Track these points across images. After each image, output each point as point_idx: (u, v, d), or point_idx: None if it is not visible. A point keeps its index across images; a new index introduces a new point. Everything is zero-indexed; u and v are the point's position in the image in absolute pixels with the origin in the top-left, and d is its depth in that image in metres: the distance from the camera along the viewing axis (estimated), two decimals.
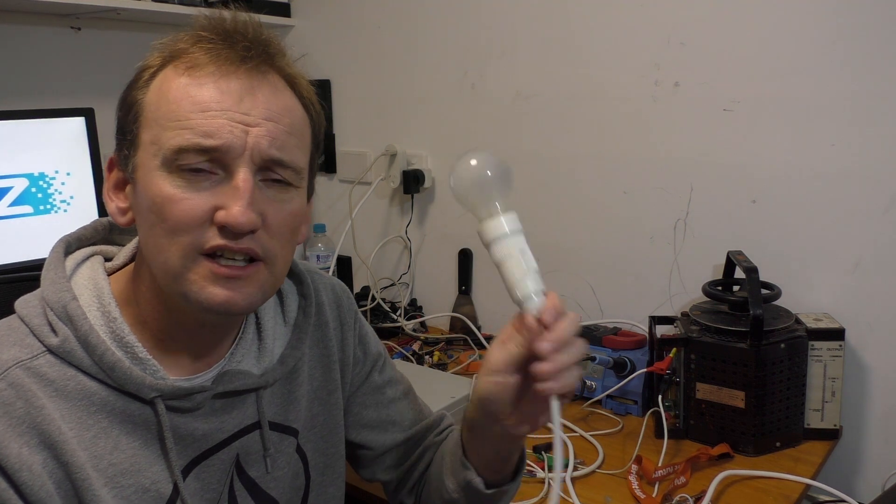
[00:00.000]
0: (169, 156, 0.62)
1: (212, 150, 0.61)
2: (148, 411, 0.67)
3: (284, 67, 0.68)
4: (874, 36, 1.22)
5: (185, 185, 0.62)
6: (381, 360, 0.91)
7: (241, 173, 0.62)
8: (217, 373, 0.72)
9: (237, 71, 0.63)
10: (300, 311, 0.81)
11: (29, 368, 0.63)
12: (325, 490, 0.84)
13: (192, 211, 0.61)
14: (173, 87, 0.63)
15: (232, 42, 0.64)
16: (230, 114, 0.62)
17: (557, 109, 1.59)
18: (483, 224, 0.69)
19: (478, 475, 0.77)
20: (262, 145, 0.63)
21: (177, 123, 0.62)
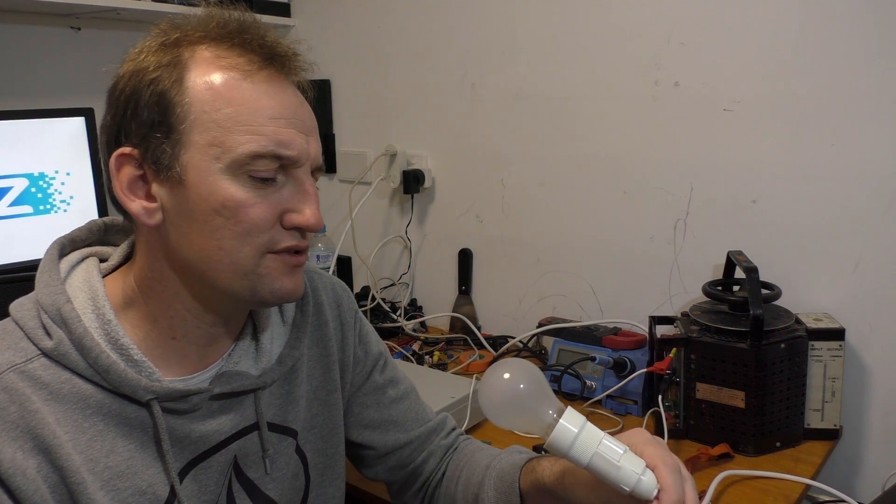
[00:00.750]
0: (240, 160, 0.63)
1: (287, 158, 0.65)
2: (144, 413, 0.66)
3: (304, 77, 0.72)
4: (874, 36, 1.22)
5: (254, 189, 0.65)
6: (382, 359, 0.91)
7: (309, 179, 0.68)
8: (214, 374, 0.72)
9: (285, 81, 0.68)
10: (298, 310, 0.81)
11: (23, 372, 0.63)
12: (325, 490, 0.84)
13: (265, 214, 0.65)
14: (232, 87, 0.64)
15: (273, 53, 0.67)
16: (295, 122, 0.66)
17: (557, 109, 1.59)
18: (550, 438, 0.62)
19: None
20: (315, 153, 0.69)
21: (248, 129, 0.63)
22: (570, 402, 1.36)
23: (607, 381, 1.34)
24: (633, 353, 1.34)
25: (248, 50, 0.66)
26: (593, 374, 1.36)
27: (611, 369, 1.33)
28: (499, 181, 1.70)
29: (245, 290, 0.67)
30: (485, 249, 1.77)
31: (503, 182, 1.70)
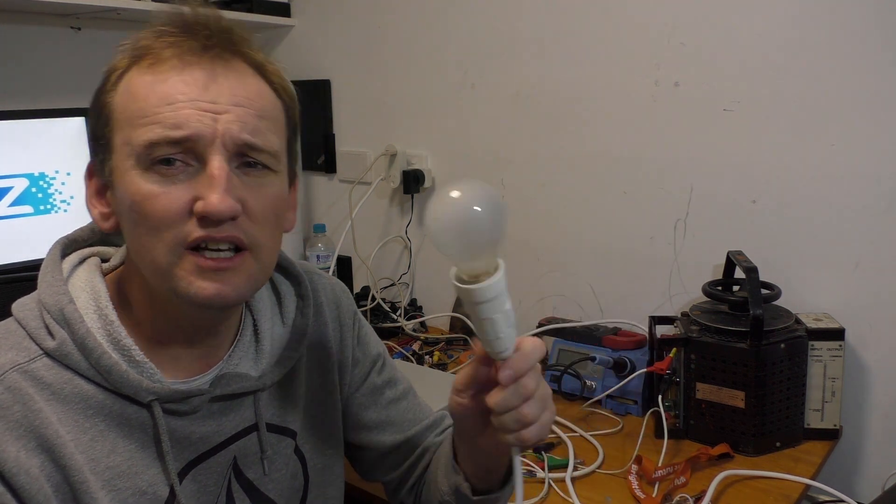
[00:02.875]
0: (141, 152, 0.62)
1: (182, 140, 0.61)
2: (145, 414, 0.66)
3: (250, 54, 0.67)
4: (874, 36, 1.22)
5: (161, 181, 0.62)
6: (381, 360, 0.91)
7: (215, 161, 0.62)
8: (215, 375, 0.72)
9: (200, 60, 0.63)
10: (298, 311, 0.80)
11: (26, 372, 0.63)
12: (325, 491, 0.84)
13: (171, 205, 0.61)
14: (139, 85, 0.63)
15: (192, 33, 0.64)
16: (197, 103, 0.62)
17: (557, 109, 1.59)
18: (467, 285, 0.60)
19: (466, 481, 0.77)
20: (233, 131, 0.63)
21: (145, 119, 0.62)
22: (571, 402, 1.36)
23: (607, 381, 1.34)
24: (633, 353, 1.34)
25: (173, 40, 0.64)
26: (593, 374, 1.36)
27: (611, 369, 1.33)
28: (499, 181, 1.70)
29: (168, 293, 0.64)
30: None
31: (503, 182, 1.70)
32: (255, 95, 0.65)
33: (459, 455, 0.78)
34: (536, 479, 1.11)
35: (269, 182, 0.66)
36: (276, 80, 0.69)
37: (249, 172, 0.65)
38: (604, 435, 1.25)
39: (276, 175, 0.67)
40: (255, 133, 0.64)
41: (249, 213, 0.64)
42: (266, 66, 0.69)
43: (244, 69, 0.66)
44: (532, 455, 1.17)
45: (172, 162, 0.62)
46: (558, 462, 1.14)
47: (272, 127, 0.67)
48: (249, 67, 0.67)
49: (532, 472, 1.13)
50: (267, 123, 0.66)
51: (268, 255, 0.67)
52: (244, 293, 0.66)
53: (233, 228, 0.63)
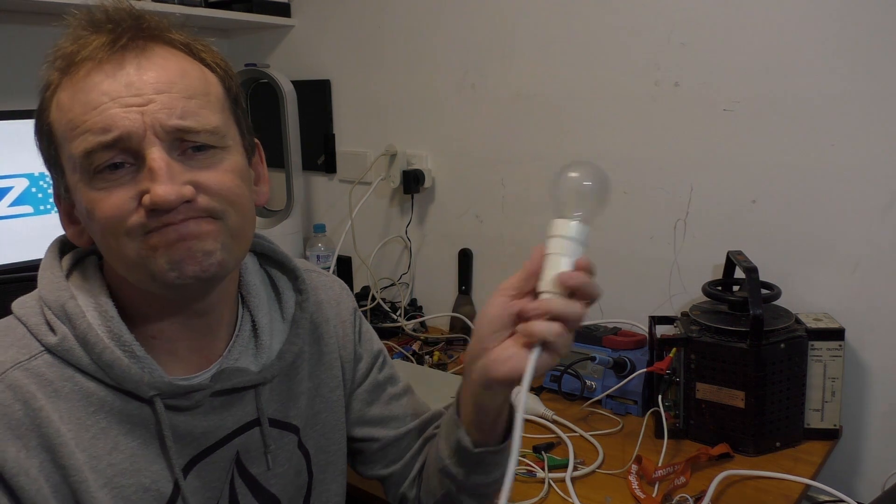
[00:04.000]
0: (83, 164, 0.61)
1: (115, 142, 0.60)
2: (147, 410, 0.66)
3: (168, 36, 0.66)
4: (874, 36, 1.22)
5: (107, 186, 0.61)
6: (382, 357, 0.92)
7: (152, 153, 0.61)
8: (215, 371, 0.72)
9: (111, 56, 0.62)
10: (297, 306, 0.80)
11: (27, 370, 0.63)
12: (328, 487, 0.84)
13: (118, 203, 0.61)
14: (64, 97, 0.63)
15: (98, 29, 0.63)
16: (120, 100, 0.61)
17: (557, 109, 1.59)
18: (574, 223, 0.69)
19: (466, 433, 0.76)
20: (161, 119, 0.61)
21: (77, 130, 0.61)
22: (571, 402, 1.36)
23: (607, 380, 1.34)
24: (633, 353, 1.34)
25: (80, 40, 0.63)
26: (593, 374, 1.36)
27: (611, 369, 1.33)
28: (499, 181, 1.70)
29: (146, 280, 0.63)
30: (485, 249, 1.77)
31: (503, 182, 1.70)
32: (178, 77, 0.63)
33: (463, 405, 0.77)
34: (536, 479, 1.11)
35: (219, 159, 0.65)
36: (204, 56, 0.68)
37: (196, 156, 0.64)
38: (604, 435, 1.25)
39: (225, 150, 0.66)
40: (186, 115, 0.62)
41: (206, 189, 0.63)
42: (191, 45, 0.67)
43: (162, 52, 0.64)
44: (532, 455, 1.17)
45: (118, 166, 0.61)
46: (558, 462, 1.14)
47: (205, 104, 0.65)
48: (169, 49, 0.65)
49: (532, 472, 1.13)
50: (198, 102, 0.64)
51: (235, 220, 0.65)
52: (221, 259, 0.64)
53: (190, 210, 0.62)
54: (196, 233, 0.62)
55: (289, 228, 1.87)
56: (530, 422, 1.30)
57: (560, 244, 0.68)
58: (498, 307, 0.70)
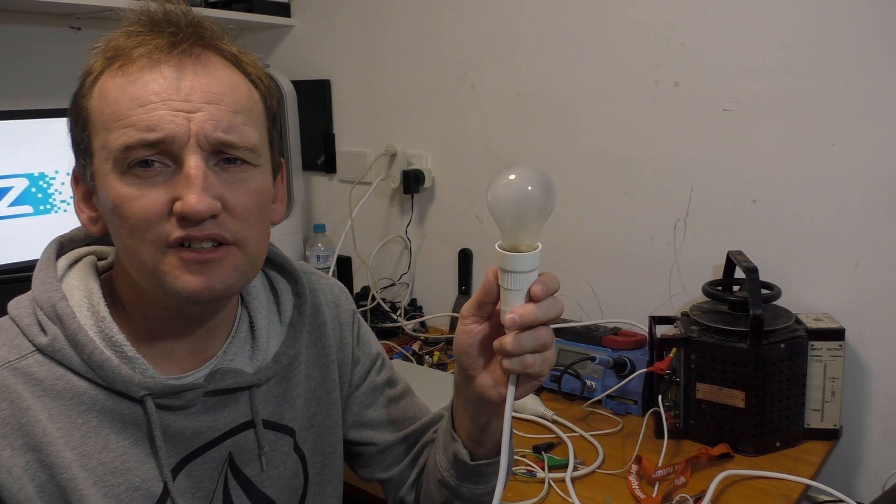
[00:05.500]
0: (118, 156, 0.62)
1: (157, 142, 0.61)
2: (138, 410, 0.67)
3: (222, 47, 0.67)
4: (874, 36, 1.22)
5: (139, 183, 0.62)
6: (380, 360, 0.92)
7: (191, 161, 0.61)
8: (209, 371, 0.72)
9: (169, 58, 0.63)
10: (295, 310, 0.81)
11: (16, 369, 0.63)
12: (324, 490, 0.84)
13: (150, 207, 0.61)
14: (111, 88, 0.63)
15: (160, 30, 0.64)
16: (170, 103, 0.61)
17: (557, 109, 1.58)
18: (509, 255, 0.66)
19: (463, 447, 0.77)
20: (207, 129, 0.62)
21: (120, 123, 0.62)
22: (571, 402, 1.36)
23: (607, 381, 1.34)
24: (633, 353, 1.34)
25: (137, 37, 0.64)
26: (593, 374, 1.36)
27: (611, 369, 1.33)
28: None
29: (157, 290, 0.64)
30: (485, 249, 1.77)
31: None
32: (229, 90, 0.65)
33: (456, 418, 0.78)
34: (536, 479, 1.11)
35: (249, 177, 0.66)
36: (251, 71, 0.69)
37: (228, 169, 0.64)
38: (604, 435, 1.25)
39: (257, 169, 0.67)
40: (230, 130, 0.63)
41: (231, 209, 0.64)
42: (240, 58, 0.68)
43: (216, 63, 0.65)
44: (532, 455, 1.17)
45: (150, 164, 0.62)
46: (558, 462, 1.14)
47: (248, 120, 0.66)
48: (222, 60, 0.66)
49: (532, 472, 1.13)
50: (242, 118, 0.65)
51: (254, 247, 0.67)
52: (232, 285, 0.66)
53: (214, 226, 0.63)
54: (213, 258, 0.63)
55: (289, 228, 1.87)
56: (530, 422, 1.30)
57: (511, 280, 0.65)
58: (465, 337, 0.70)
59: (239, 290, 0.69)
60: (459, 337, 0.71)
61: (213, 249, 0.63)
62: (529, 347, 0.64)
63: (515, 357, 0.64)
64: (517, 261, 0.65)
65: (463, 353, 0.71)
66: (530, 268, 0.65)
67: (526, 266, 0.65)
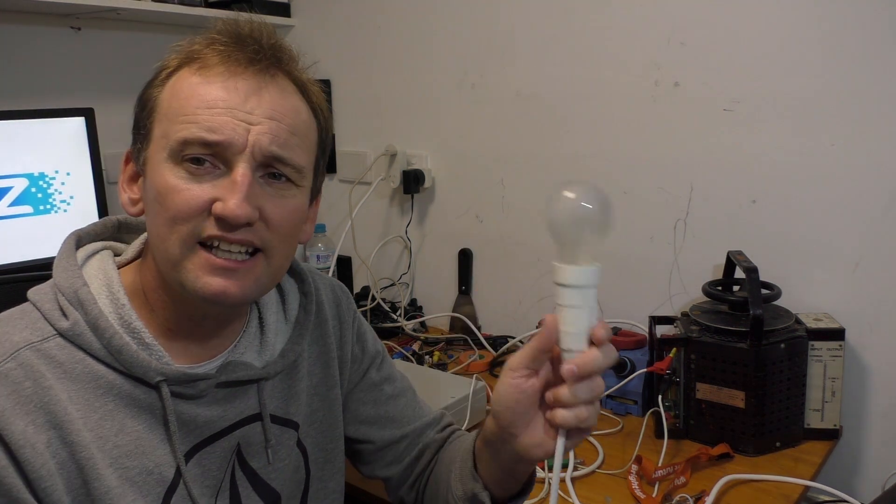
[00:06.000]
0: (175, 147, 0.65)
1: (214, 144, 0.64)
2: (153, 395, 0.68)
3: (294, 72, 0.71)
4: (874, 36, 1.22)
5: (188, 177, 0.65)
6: (380, 357, 0.93)
7: (241, 168, 0.65)
8: (220, 363, 0.74)
9: (245, 72, 0.66)
10: (301, 308, 0.83)
11: (39, 350, 0.65)
12: (326, 485, 0.86)
13: (191, 200, 0.64)
14: (185, 85, 0.67)
15: (243, 45, 0.67)
16: (235, 112, 0.65)
17: (557, 109, 1.59)
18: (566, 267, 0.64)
19: (484, 489, 0.76)
20: (263, 142, 0.65)
21: (184, 118, 0.65)
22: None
23: (607, 380, 1.32)
24: (633, 353, 1.34)
25: (223, 48, 0.67)
26: None
27: (611, 369, 1.33)
28: (499, 181, 1.70)
29: (176, 284, 0.66)
30: (485, 249, 1.77)
31: (503, 182, 1.70)
32: (291, 112, 0.68)
33: (481, 461, 0.77)
34: (537, 479, 1.11)
35: (290, 195, 0.69)
36: (315, 101, 0.73)
37: (273, 183, 0.68)
38: (604, 435, 1.25)
39: (298, 189, 0.70)
40: (285, 147, 0.67)
41: (267, 220, 0.67)
42: (308, 87, 0.72)
43: (286, 86, 0.69)
44: None
45: (202, 162, 0.65)
46: None
47: (302, 144, 0.69)
48: (291, 84, 0.70)
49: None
50: (298, 140, 0.69)
51: (279, 260, 0.70)
52: (249, 294, 0.68)
53: (247, 233, 0.66)
54: (239, 268, 0.66)
55: None
56: None
57: (578, 296, 0.63)
58: (513, 392, 0.67)
59: (254, 300, 0.72)
60: (506, 392, 0.67)
61: (241, 261, 0.66)
62: (586, 398, 0.63)
63: (571, 410, 0.63)
64: (582, 274, 0.63)
65: (508, 411, 0.68)
66: (595, 283, 0.64)
67: (591, 280, 0.64)
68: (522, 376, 0.67)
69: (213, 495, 0.73)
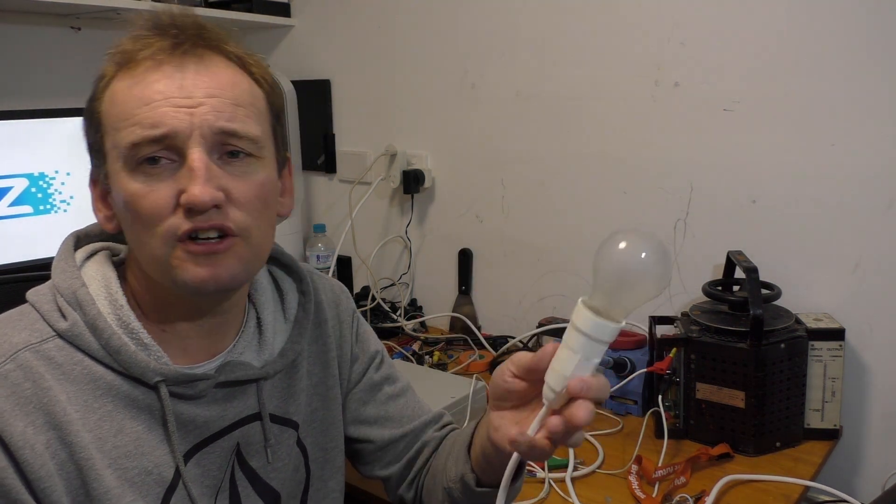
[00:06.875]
0: (126, 154, 0.65)
1: (161, 138, 0.64)
2: (152, 396, 0.69)
3: (225, 48, 0.69)
4: (874, 36, 1.22)
5: (147, 180, 0.65)
6: (379, 357, 0.93)
7: (194, 153, 0.64)
8: (220, 363, 0.74)
9: (171, 58, 0.66)
10: (300, 307, 0.83)
11: (38, 352, 0.66)
12: (326, 484, 0.86)
13: (158, 201, 0.64)
14: (119, 90, 0.66)
15: (164, 33, 0.66)
16: (172, 100, 0.64)
17: (557, 109, 1.59)
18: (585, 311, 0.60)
19: (472, 471, 0.77)
20: (209, 121, 0.65)
21: (126, 122, 0.65)
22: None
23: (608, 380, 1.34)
24: (633, 353, 1.34)
25: (146, 41, 0.66)
26: None
27: (611, 369, 1.33)
28: (499, 181, 1.70)
29: (167, 281, 0.67)
30: (485, 249, 1.77)
31: (503, 182, 1.70)
32: (230, 85, 0.67)
33: (474, 446, 0.78)
34: (536, 479, 1.11)
35: (253, 169, 0.68)
36: (255, 71, 0.71)
37: (232, 162, 0.67)
38: (604, 435, 1.25)
39: (260, 162, 0.69)
40: (232, 120, 0.66)
41: (234, 200, 0.66)
42: (244, 59, 0.70)
43: (219, 62, 0.68)
44: None
45: (157, 160, 0.64)
46: (558, 462, 1.14)
47: (250, 114, 0.68)
48: (225, 60, 0.69)
49: (532, 472, 1.13)
50: (244, 111, 0.67)
51: (257, 238, 0.69)
52: (238, 276, 0.68)
53: (218, 216, 0.65)
54: (219, 250, 0.66)
55: (289, 228, 1.87)
56: None
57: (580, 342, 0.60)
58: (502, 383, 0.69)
59: (244, 282, 0.71)
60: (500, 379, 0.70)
61: (218, 241, 0.65)
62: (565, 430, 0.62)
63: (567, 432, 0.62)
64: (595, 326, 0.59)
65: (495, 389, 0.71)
66: (608, 340, 0.60)
67: (606, 336, 0.60)
68: (513, 375, 0.68)
69: (213, 495, 0.73)
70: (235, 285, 0.69)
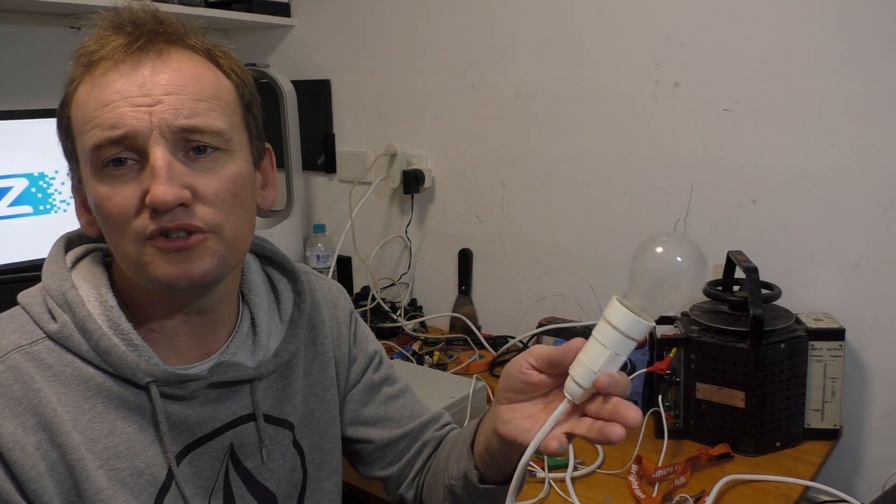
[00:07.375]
0: (92, 157, 0.64)
1: (121, 139, 0.63)
2: (143, 397, 0.68)
3: (188, 41, 0.68)
4: (874, 36, 1.22)
5: (113, 181, 0.64)
6: (378, 358, 0.93)
7: (156, 152, 0.63)
8: (212, 363, 0.74)
9: (129, 56, 0.65)
10: (295, 307, 0.82)
11: (28, 353, 0.65)
12: (322, 485, 0.85)
13: (123, 203, 0.64)
14: (82, 94, 0.66)
15: (119, 30, 0.65)
16: (131, 100, 0.63)
17: (557, 109, 1.59)
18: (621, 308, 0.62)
19: (475, 468, 0.77)
20: (168, 118, 0.63)
21: (89, 125, 0.64)
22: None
23: None
24: (633, 353, 1.32)
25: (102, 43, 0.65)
26: None
27: None
28: (499, 181, 1.70)
29: (141, 280, 0.66)
30: (485, 249, 1.77)
31: (503, 182, 1.70)
32: (191, 79, 0.66)
33: (478, 442, 0.78)
34: (536, 479, 1.11)
35: (221, 164, 0.67)
36: (222, 62, 0.70)
37: (199, 158, 0.65)
38: None
39: (229, 155, 0.67)
40: (193, 116, 0.64)
41: (202, 197, 0.65)
42: (211, 51, 0.69)
43: (179, 56, 0.66)
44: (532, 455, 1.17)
45: (122, 161, 0.64)
46: (558, 462, 1.14)
47: (215, 107, 0.66)
48: (187, 53, 0.67)
49: (532, 472, 1.13)
50: (206, 105, 0.66)
51: (231, 233, 0.67)
52: (209, 272, 0.66)
53: (185, 215, 0.64)
54: (188, 245, 0.64)
55: (289, 228, 1.87)
56: None
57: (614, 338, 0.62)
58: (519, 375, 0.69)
59: (219, 277, 0.69)
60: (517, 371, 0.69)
61: (185, 238, 0.64)
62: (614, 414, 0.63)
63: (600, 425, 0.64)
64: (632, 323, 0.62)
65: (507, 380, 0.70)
66: (639, 338, 0.63)
67: (638, 334, 0.62)
68: (532, 368, 0.68)
69: (207, 496, 0.73)
70: (209, 281, 0.67)
